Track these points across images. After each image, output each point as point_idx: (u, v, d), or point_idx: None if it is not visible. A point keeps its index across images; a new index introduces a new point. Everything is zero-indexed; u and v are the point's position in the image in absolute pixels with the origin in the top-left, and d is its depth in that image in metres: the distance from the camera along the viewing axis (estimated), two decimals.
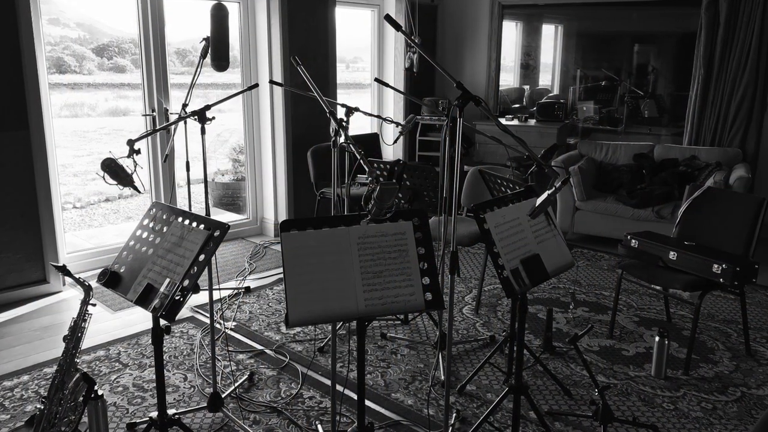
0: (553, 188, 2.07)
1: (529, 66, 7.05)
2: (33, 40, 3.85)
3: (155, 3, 4.53)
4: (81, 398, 2.20)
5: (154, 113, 4.68)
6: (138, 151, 2.46)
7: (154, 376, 2.81)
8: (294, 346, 3.40)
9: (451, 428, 2.64)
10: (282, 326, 3.65)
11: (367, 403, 2.81)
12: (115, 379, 3.03)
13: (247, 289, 4.22)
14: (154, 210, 2.30)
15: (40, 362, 3.18)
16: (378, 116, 3.45)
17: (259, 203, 5.63)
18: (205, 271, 2.45)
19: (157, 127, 2.92)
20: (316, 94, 2.53)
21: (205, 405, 2.75)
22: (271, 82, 3.50)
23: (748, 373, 3.13)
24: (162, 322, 2.11)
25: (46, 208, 4.04)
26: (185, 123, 2.88)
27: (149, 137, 4.71)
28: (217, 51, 4.07)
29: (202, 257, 2.05)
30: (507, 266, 2.17)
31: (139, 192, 2.46)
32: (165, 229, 2.20)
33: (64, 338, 2.20)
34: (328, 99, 2.66)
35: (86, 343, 3.24)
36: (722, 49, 5.18)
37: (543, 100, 6.52)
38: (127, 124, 9.07)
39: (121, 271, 2.19)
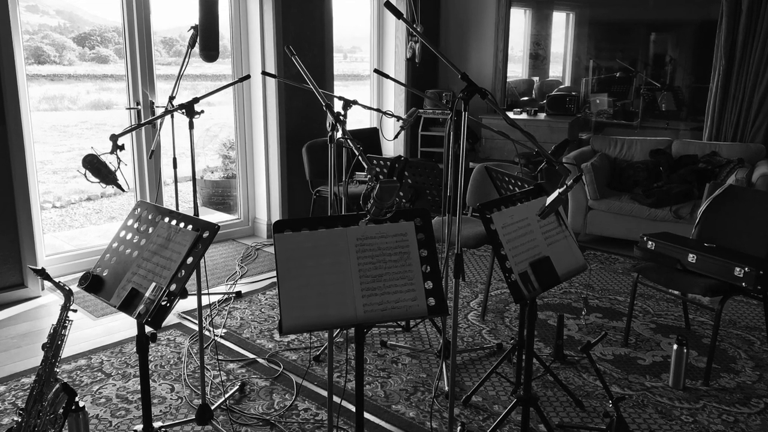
0: (565, 186, 2.07)
1: (538, 56, 7.05)
2: (9, 28, 3.85)
3: None
4: (61, 410, 2.20)
5: (139, 106, 4.69)
6: (122, 147, 2.46)
7: (139, 387, 2.81)
8: (288, 354, 3.40)
9: None
10: (275, 333, 3.66)
11: (366, 415, 2.81)
12: (97, 390, 3.03)
13: (238, 294, 4.22)
14: (139, 210, 2.31)
15: (18, 372, 3.18)
16: (378, 110, 3.45)
17: (251, 202, 5.63)
18: (194, 275, 2.45)
19: (143, 122, 2.92)
20: (311, 86, 2.54)
21: (194, 417, 2.75)
22: (264, 73, 3.50)
23: None
24: (147, 329, 2.11)
25: (23, 208, 4.04)
26: (172, 117, 2.88)
27: (134, 132, 4.71)
28: (206, 40, 4.07)
29: (190, 260, 2.05)
30: (515, 269, 2.17)
31: (123, 190, 2.46)
32: (151, 230, 2.20)
33: (43, 346, 2.20)
34: (325, 91, 2.66)
35: (67, 351, 3.24)
36: (744, 38, 5.18)
37: (553, 93, 6.52)
38: (111, 118, 9.07)
39: (104, 274, 2.19)
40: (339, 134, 2.40)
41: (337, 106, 3.12)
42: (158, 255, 2.11)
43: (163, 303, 1.99)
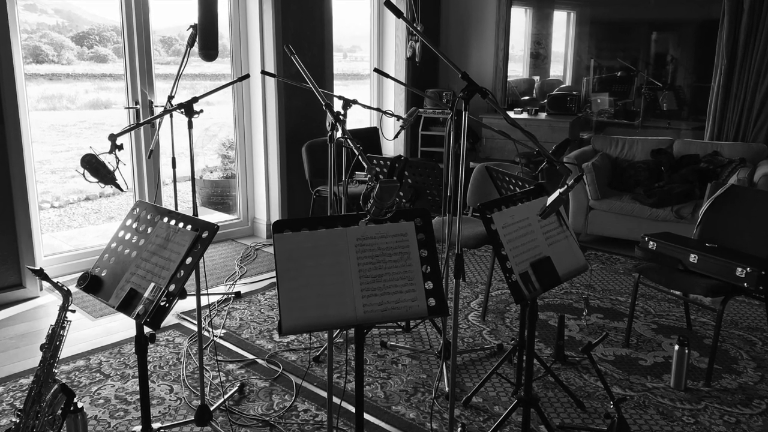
0: (565, 186, 2.07)
1: (539, 55, 7.05)
2: (8, 27, 3.85)
3: None
4: (59, 411, 2.20)
5: (138, 106, 4.68)
6: (120, 147, 2.46)
7: (138, 388, 2.81)
8: (287, 355, 3.40)
9: None
10: (275, 334, 3.65)
11: (366, 416, 2.81)
12: (96, 390, 3.03)
13: (238, 295, 4.22)
14: (137, 210, 2.31)
15: (16, 372, 3.18)
16: (378, 109, 3.45)
17: (250, 202, 5.63)
18: (193, 275, 2.45)
19: (141, 121, 2.92)
20: (311, 86, 2.53)
21: (193, 418, 2.75)
22: (263, 72, 3.50)
23: None
24: (146, 329, 2.11)
25: (21, 208, 4.04)
26: (171, 116, 2.88)
27: (132, 132, 4.71)
28: (205, 39, 4.07)
29: (189, 260, 2.05)
30: (516, 270, 2.17)
31: (122, 190, 2.46)
32: (149, 230, 2.20)
33: (42, 347, 2.20)
34: (324, 91, 2.66)
35: (65, 352, 3.24)
36: (746, 37, 5.18)
37: (554, 92, 6.52)
38: (109, 118, 9.07)
39: (103, 275, 2.19)
40: (339, 134, 2.40)
41: (337, 105, 3.12)
42: (157, 255, 2.11)
43: (162, 303, 1.99)
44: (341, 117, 3.01)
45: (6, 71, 3.87)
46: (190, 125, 2.80)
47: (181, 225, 2.14)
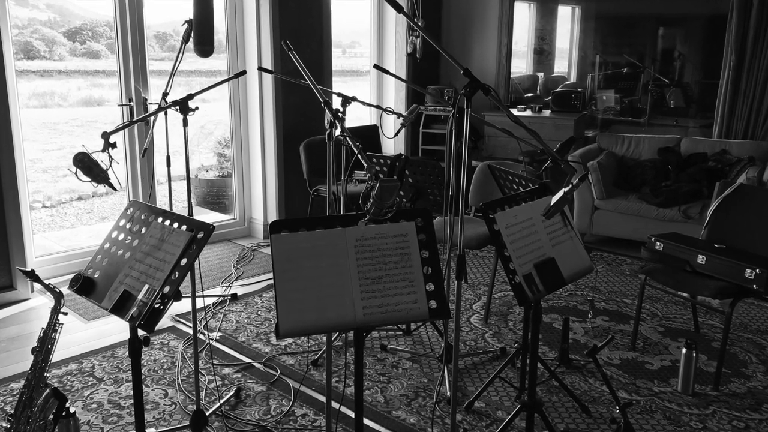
0: (570, 186, 2.07)
1: (543, 51, 7.05)
2: None
3: None
4: (51, 416, 2.20)
5: (132, 103, 4.68)
6: (114, 145, 2.46)
7: (132, 392, 2.80)
8: (285, 358, 3.40)
9: None
10: (272, 337, 3.66)
11: (366, 421, 2.81)
12: (88, 395, 3.03)
13: (234, 296, 4.22)
14: (131, 209, 2.31)
15: (6, 377, 3.18)
16: (377, 106, 3.45)
17: (247, 202, 5.63)
18: (188, 277, 2.45)
19: (135, 119, 2.93)
20: (309, 83, 2.53)
21: (188, 424, 2.75)
22: (260, 69, 3.50)
23: None
24: (140, 332, 2.11)
25: (12, 208, 4.04)
26: (166, 114, 2.88)
27: (126, 129, 4.71)
28: (200, 35, 4.06)
29: (184, 261, 2.04)
30: (519, 271, 2.17)
31: (115, 190, 2.46)
32: (143, 230, 2.20)
33: (33, 350, 2.20)
34: (323, 87, 2.66)
35: (57, 355, 3.24)
36: (755, 32, 5.18)
37: (559, 89, 6.53)
38: (102, 115, 9.08)
39: (95, 276, 2.19)
40: (338, 132, 2.40)
41: (336, 102, 3.12)
42: (151, 256, 2.11)
43: (157, 306, 1.99)
44: (340, 114, 3.01)
45: None
46: (185, 123, 2.80)
47: (175, 225, 2.14)
